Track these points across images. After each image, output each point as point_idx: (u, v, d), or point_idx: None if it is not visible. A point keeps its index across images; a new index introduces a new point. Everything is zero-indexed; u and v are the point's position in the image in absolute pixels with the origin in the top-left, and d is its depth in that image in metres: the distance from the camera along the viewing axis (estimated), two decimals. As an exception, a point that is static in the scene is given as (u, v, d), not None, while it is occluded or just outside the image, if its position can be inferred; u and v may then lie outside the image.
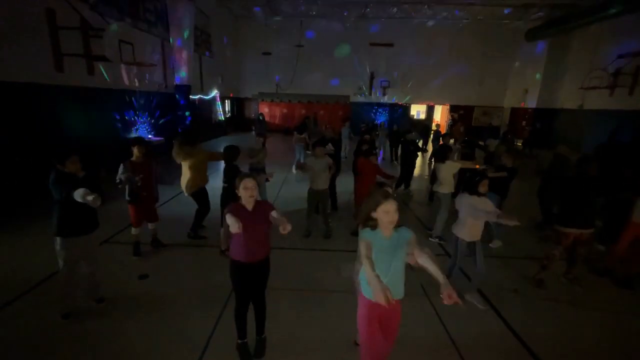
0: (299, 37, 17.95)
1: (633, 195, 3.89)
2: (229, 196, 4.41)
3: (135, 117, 9.51)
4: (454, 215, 5.23)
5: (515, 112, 18.13)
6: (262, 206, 2.57)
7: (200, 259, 4.38)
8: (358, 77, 18.95)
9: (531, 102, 16.59)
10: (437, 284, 3.79)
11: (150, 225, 4.46)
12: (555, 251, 3.83)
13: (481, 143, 7.52)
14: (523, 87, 17.26)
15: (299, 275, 3.99)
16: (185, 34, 11.40)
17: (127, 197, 4.09)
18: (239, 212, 2.44)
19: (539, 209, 5.83)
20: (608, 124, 11.92)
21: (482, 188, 3.34)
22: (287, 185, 8.05)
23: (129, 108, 9.21)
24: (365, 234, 2.04)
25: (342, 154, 11.34)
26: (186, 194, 4.81)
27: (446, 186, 5.05)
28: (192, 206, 4.94)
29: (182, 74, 11.52)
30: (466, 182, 3.48)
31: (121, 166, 3.98)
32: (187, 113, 11.48)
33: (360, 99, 19.28)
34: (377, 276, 1.77)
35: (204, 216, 4.93)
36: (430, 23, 17.25)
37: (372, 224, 2.05)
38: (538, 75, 16.06)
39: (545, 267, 3.91)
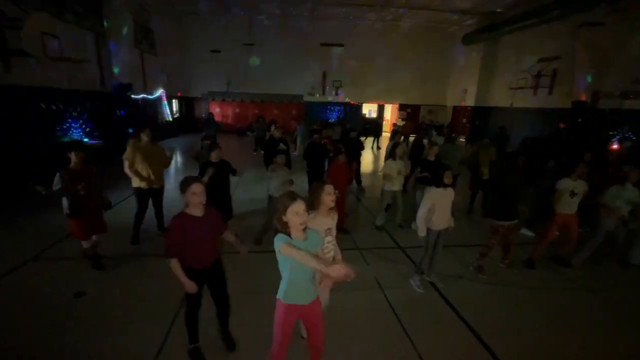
0: (249, 35, 17.55)
1: (554, 186, 4.38)
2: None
3: (68, 120, 8.60)
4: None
5: (456, 110, 19.55)
6: (211, 213, 2.47)
7: (145, 269, 4.09)
8: (311, 76, 19.06)
9: (470, 101, 18.02)
10: (390, 277, 3.96)
11: (94, 237, 4.06)
12: (493, 240, 4.21)
13: (425, 140, 8.00)
14: (462, 87, 18.67)
15: (256, 279, 3.90)
16: (123, 29, 10.58)
17: (66, 211, 3.65)
18: (187, 224, 2.30)
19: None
20: (533, 121, 13.39)
21: (447, 179, 3.56)
22: (242, 186, 7.85)
23: (59, 109, 8.30)
24: (281, 238, 1.95)
25: (295, 153, 11.37)
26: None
27: (388, 183, 5.31)
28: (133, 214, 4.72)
29: (122, 72, 10.68)
30: (433, 177, 3.70)
31: (57, 175, 3.55)
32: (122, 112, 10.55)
33: (313, 98, 19.42)
34: (315, 255, 1.79)
35: (137, 219, 4.72)
36: (377, 25, 17.89)
37: (286, 231, 1.98)
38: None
39: (484, 254, 4.26)
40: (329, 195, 2.45)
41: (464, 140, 16.20)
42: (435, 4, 14.19)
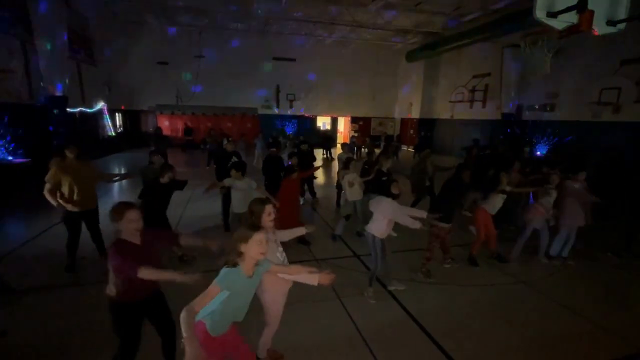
0: (199, 47, 17.16)
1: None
2: None
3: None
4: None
5: (404, 122, 20.79)
6: (149, 238, 2.32)
7: (81, 299, 3.68)
8: (264, 89, 19.08)
9: (416, 113, 19.31)
10: (348, 286, 4.03)
11: None
12: (435, 244, 4.50)
13: (376, 150, 8.42)
14: (408, 101, 19.96)
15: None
16: (56, 36, 9.75)
17: None
18: (129, 252, 2.14)
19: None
20: (472, 130, 14.74)
21: (395, 189, 3.72)
22: (193, 203, 7.54)
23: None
24: (226, 279, 1.86)
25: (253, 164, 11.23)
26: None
27: (347, 193, 5.51)
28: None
29: (54, 83, 9.79)
30: (380, 187, 3.84)
31: None
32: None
33: (268, 111, 19.42)
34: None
35: (69, 248, 4.22)
36: (328, 41, 18.57)
37: (235, 261, 1.92)
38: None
39: (429, 258, 4.50)
40: (269, 216, 2.49)
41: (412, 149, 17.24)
42: (380, 23, 15.15)
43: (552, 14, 4.17)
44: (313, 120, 20.56)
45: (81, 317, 3.36)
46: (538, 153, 11.57)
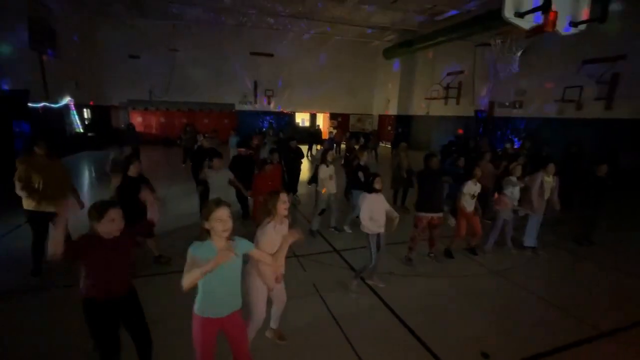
0: (173, 41, 16.57)
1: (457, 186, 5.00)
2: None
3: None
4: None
5: (382, 118, 21.08)
6: (123, 234, 2.22)
7: (47, 304, 3.51)
8: (242, 85, 18.74)
9: (393, 110, 19.62)
10: (328, 281, 4.05)
11: None
12: (415, 233, 4.63)
13: (356, 147, 8.49)
14: (386, 97, 20.23)
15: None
16: (16, 26, 9.14)
17: None
18: (96, 247, 2.05)
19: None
20: (447, 127, 15.17)
21: (378, 185, 3.77)
22: (169, 201, 7.32)
23: None
24: (193, 249, 1.95)
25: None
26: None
27: (321, 186, 5.57)
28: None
29: (14, 77, 9.18)
30: (363, 183, 3.89)
31: None
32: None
33: (246, 107, 19.09)
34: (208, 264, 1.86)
35: (35, 249, 4.00)
36: (306, 37, 18.44)
37: (203, 237, 1.98)
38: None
39: (411, 248, 4.66)
40: (284, 204, 2.52)
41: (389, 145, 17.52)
42: (357, 19, 15.21)
43: (520, 14, 4.37)
44: (291, 117, 20.42)
45: (49, 323, 3.20)
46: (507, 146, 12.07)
